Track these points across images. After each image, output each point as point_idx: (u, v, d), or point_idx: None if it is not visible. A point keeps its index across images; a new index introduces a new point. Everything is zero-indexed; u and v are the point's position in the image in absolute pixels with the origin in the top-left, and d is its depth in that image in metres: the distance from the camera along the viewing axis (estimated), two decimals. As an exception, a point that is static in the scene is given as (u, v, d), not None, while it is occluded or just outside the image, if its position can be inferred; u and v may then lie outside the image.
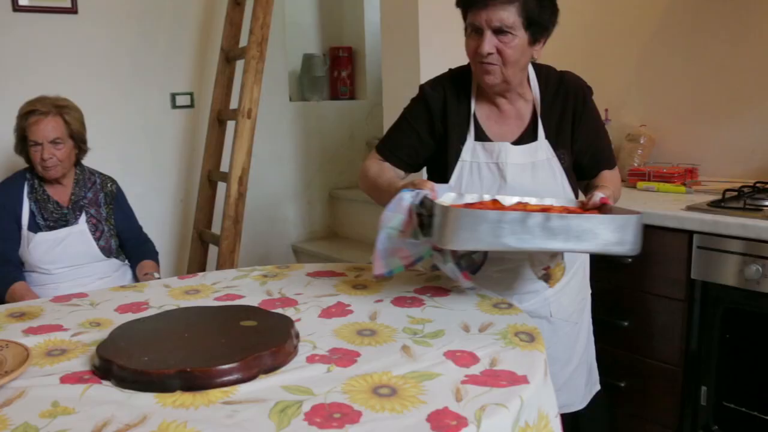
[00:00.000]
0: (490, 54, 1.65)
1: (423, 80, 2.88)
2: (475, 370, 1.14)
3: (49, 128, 2.41)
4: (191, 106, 3.57)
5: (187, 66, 3.54)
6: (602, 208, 1.51)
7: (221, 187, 3.31)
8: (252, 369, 1.10)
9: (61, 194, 2.51)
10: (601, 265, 2.28)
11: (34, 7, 3.07)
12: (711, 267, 2.03)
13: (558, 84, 1.81)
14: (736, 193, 2.17)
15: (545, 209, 1.46)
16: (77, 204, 2.52)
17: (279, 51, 3.73)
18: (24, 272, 2.48)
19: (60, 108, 2.46)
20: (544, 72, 1.84)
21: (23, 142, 2.44)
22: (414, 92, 1.97)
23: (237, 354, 1.11)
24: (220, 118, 3.27)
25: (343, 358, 1.20)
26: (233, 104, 3.28)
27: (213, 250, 3.34)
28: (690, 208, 2.10)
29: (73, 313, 1.54)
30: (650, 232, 2.13)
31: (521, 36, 1.65)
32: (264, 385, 1.08)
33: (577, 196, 1.80)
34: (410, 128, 1.87)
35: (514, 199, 1.60)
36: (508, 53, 1.65)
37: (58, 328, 1.43)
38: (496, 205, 1.54)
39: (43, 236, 2.44)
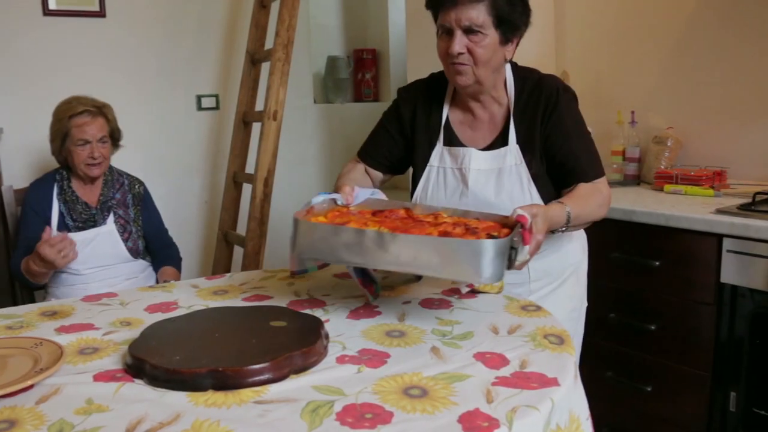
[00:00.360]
0: (460, 54, 1.64)
1: (449, 82, 2.91)
2: (505, 372, 1.14)
3: (97, 127, 2.47)
4: (216, 108, 3.59)
5: (213, 68, 3.56)
6: (515, 227, 1.40)
7: (246, 188, 3.33)
8: (283, 369, 1.10)
9: (90, 195, 2.54)
10: (627, 268, 2.27)
11: (63, 11, 3.12)
12: (741, 271, 2.01)
13: (534, 87, 1.76)
14: (766, 196, 2.15)
15: (456, 223, 1.44)
16: (105, 205, 2.54)
17: (303, 53, 3.74)
18: (53, 273, 2.50)
19: (101, 107, 2.51)
20: (522, 75, 1.80)
21: (64, 143, 2.47)
22: None
23: (268, 354, 1.11)
24: (245, 120, 3.29)
25: (372, 359, 1.20)
26: (258, 106, 3.29)
27: (238, 251, 3.36)
28: (719, 212, 2.08)
29: (104, 313, 1.55)
30: (678, 235, 2.13)
31: (492, 35, 1.64)
32: (295, 385, 1.09)
33: (546, 203, 1.68)
34: (384, 130, 1.92)
35: (437, 208, 1.57)
36: (478, 53, 1.64)
37: (90, 326, 1.44)
38: (408, 213, 1.55)
39: (73, 237, 2.47)
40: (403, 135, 1.88)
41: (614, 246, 2.32)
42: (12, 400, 1.05)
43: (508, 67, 1.79)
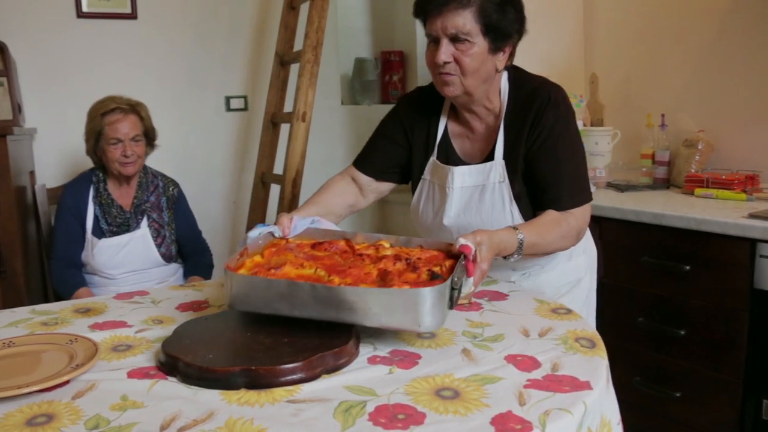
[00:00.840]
0: (446, 63, 1.57)
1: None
2: (537, 374, 1.13)
3: (129, 125, 2.49)
4: (245, 109, 3.62)
5: (241, 69, 3.59)
6: (458, 258, 1.37)
7: (274, 189, 3.34)
8: (315, 369, 1.11)
9: (124, 198, 2.57)
10: (657, 272, 2.25)
11: (96, 14, 3.17)
12: (775, 276, 1.99)
13: (526, 98, 1.66)
14: (800, 201, 2.12)
15: (397, 255, 1.40)
16: (139, 208, 2.56)
17: (331, 55, 3.76)
18: (85, 274, 2.54)
19: (135, 105, 2.54)
20: (518, 86, 1.70)
21: (98, 142, 2.50)
22: None
23: (300, 354, 1.12)
24: (274, 121, 3.31)
25: (404, 360, 1.20)
26: (287, 107, 3.31)
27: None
28: (752, 216, 2.06)
29: (136, 311, 1.57)
30: (710, 240, 2.10)
31: (480, 44, 1.56)
32: (327, 384, 1.09)
33: None
34: (383, 137, 1.86)
35: (378, 237, 1.53)
36: (465, 62, 1.57)
37: (123, 324, 1.46)
38: (349, 244, 1.50)
39: (107, 242, 2.50)
40: (406, 141, 1.82)
41: (644, 250, 2.30)
42: (49, 395, 1.07)
43: (505, 74, 1.71)
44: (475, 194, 1.69)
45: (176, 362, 1.13)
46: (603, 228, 2.44)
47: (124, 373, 1.17)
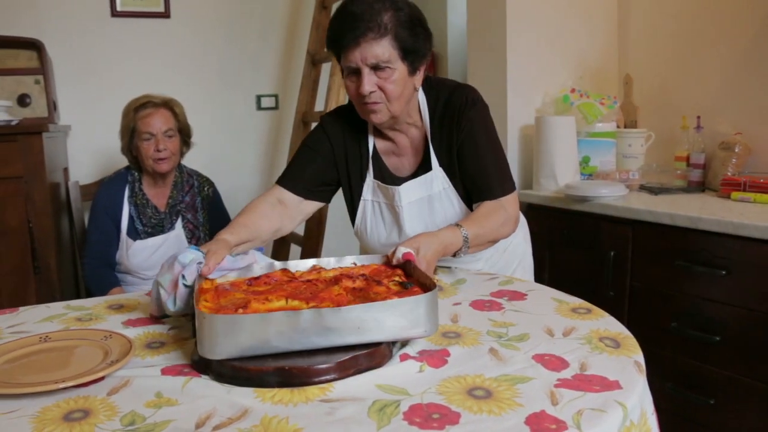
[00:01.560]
0: (372, 92, 1.59)
1: (510, 84, 2.90)
2: (566, 374, 1.12)
3: (161, 120, 2.50)
4: (275, 108, 3.64)
5: (273, 68, 3.61)
6: (406, 266, 1.41)
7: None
8: (348, 369, 1.10)
9: (159, 198, 2.58)
10: (691, 276, 2.22)
11: (130, 12, 3.21)
12: (814, 282, 1.95)
13: (445, 105, 1.73)
14: (841, 206, 2.07)
15: (342, 275, 1.36)
16: (174, 208, 2.57)
17: (362, 54, 3.75)
18: (118, 273, 2.56)
19: (168, 101, 2.55)
20: (434, 95, 1.76)
21: (132, 138, 2.52)
22: (500, 96, 1.96)
23: (334, 354, 1.12)
24: (305, 120, 3.32)
25: (434, 356, 1.19)
26: (318, 107, 3.31)
27: (294, 250, 3.39)
28: (791, 220, 2.02)
29: (169, 308, 1.57)
30: (747, 244, 2.06)
31: (400, 68, 1.60)
32: (359, 383, 1.09)
33: None
34: (309, 153, 1.83)
35: (309, 263, 1.48)
36: (390, 89, 1.60)
37: (156, 321, 1.47)
38: (287, 274, 1.42)
39: (142, 243, 2.51)
40: (332, 158, 1.82)
41: (678, 254, 2.27)
42: (85, 390, 1.08)
43: (420, 92, 1.75)
44: (423, 206, 1.76)
45: (209, 361, 1.13)
46: (636, 231, 2.41)
47: (158, 369, 1.17)
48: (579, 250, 2.64)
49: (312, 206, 1.86)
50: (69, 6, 3.11)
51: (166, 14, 3.29)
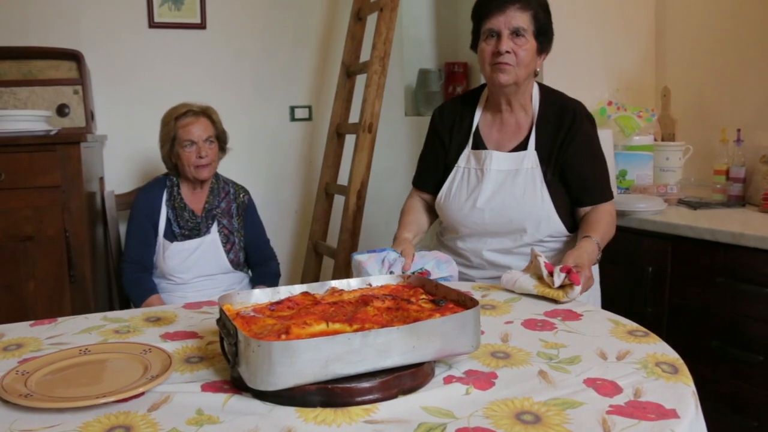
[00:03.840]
0: (507, 53, 1.85)
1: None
2: (619, 400, 1.09)
3: (201, 128, 2.56)
4: (309, 119, 3.64)
5: (306, 80, 3.61)
6: (427, 284, 1.42)
7: (337, 199, 3.35)
8: (392, 389, 1.08)
9: (196, 202, 2.61)
10: (733, 294, 2.17)
11: (167, 24, 3.23)
12: None
13: (560, 106, 1.98)
14: None
15: (367, 295, 1.33)
16: (210, 213, 2.60)
17: (396, 66, 3.75)
18: (154, 278, 2.58)
19: (206, 109, 2.59)
20: (548, 94, 2.02)
21: (172, 146, 2.54)
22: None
23: (377, 373, 1.10)
24: (339, 132, 3.31)
25: (480, 379, 1.17)
26: (352, 118, 3.31)
27: (327, 262, 3.38)
28: (838, 238, 1.96)
29: (206, 321, 1.57)
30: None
31: (532, 42, 1.88)
32: (404, 405, 1.07)
33: (558, 211, 1.93)
34: (430, 154, 2.15)
35: (326, 285, 1.45)
36: (521, 54, 1.87)
37: (194, 335, 1.46)
38: (309, 297, 1.39)
39: (179, 246, 2.53)
40: (442, 147, 2.10)
41: (719, 271, 2.22)
42: (125, 406, 1.07)
43: (535, 86, 2.01)
44: (509, 177, 1.95)
45: (251, 377, 1.12)
46: (675, 246, 2.36)
47: (197, 386, 1.16)
48: (616, 266, 2.59)
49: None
50: (108, 17, 3.14)
51: (202, 25, 3.31)
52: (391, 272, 1.77)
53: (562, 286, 1.66)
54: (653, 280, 2.43)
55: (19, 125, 2.49)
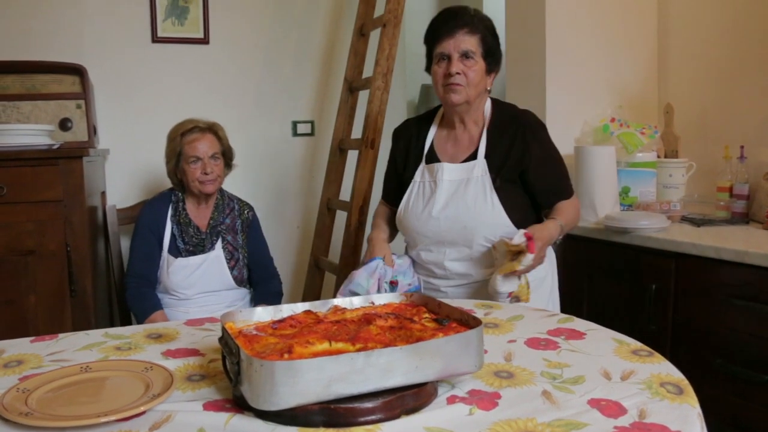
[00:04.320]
0: (458, 74, 2.02)
1: (549, 114, 2.88)
2: (624, 421, 1.08)
3: (207, 144, 2.56)
4: (311, 134, 3.64)
5: (309, 95, 3.62)
6: (430, 303, 1.41)
7: (339, 215, 3.34)
8: (395, 409, 1.07)
9: (201, 218, 2.61)
10: (739, 312, 2.15)
11: (170, 38, 3.24)
12: None
13: (510, 116, 2.14)
14: None
15: (369, 314, 1.33)
16: (215, 229, 2.60)
17: (399, 81, 3.76)
18: (158, 293, 2.57)
19: (212, 125, 2.59)
20: (499, 105, 2.19)
21: (178, 162, 2.54)
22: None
23: (380, 393, 1.09)
24: (341, 147, 3.31)
25: (483, 399, 1.16)
26: (355, 134, 3.31)
27: (328, 278, 3.37)
28: (844, 257, 1.95)
29: (207, 338, 1.56)
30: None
31: (480, 63, 2.05)
32: (407, 425, 1.06)
33: (510, 214, 2.04)
34: (391, 169, 2.35)
35: (328, 303, 1.44)
36: (471, 75, 2.03)
37: (195, 352, 1.45)
38: (311, 315, 1.38)
39: (183, 261, 2.53)
40: (402, 161, 2.27)
41: (724, 289, 2.21)
42: (127, 425, 1.06)
43: (488, 100, 2.17)
44: (460, 186, 2.08)
45: (253, 397, 1.11)
46: (679, 264, 2.35)
47: (199, 404, 1.15)
48: (619, 283, 2.59)
49: None
50: (111, 32, 3.15)
51: (205, 40, 3.32)
52: (379, 279, 2.05)
53: (517, 254, 1.90)
54: (656, 297, 2.42)
55: (21, 139, 2.49)
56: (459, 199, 2.06)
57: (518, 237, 1.89)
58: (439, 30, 2.07)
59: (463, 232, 2.06)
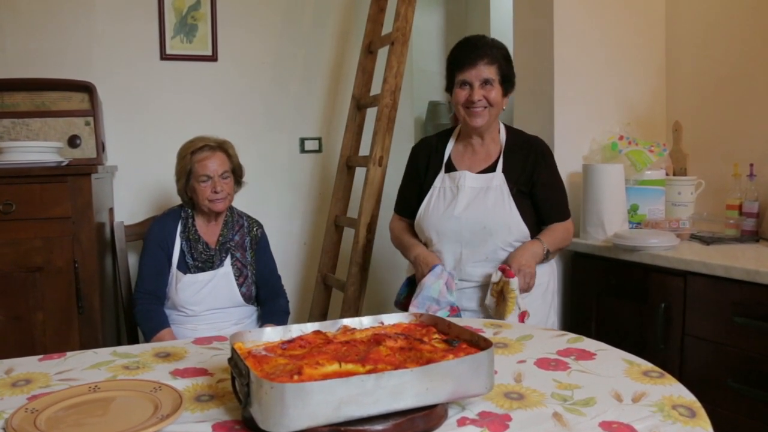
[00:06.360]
0: (479, 100, 2.26)
1: (557, 132, 2.88)
2: (636, 445, 1.07)
3: (218, 162, 2.56)
4: (319, 150, 3.64)
5: (316, 112, 3.62)
6: (440, 324, 1.42)
7: (347, 232, 3.33)
8: (405, 431, 1.07)
9: (210, 235, 2.61)
10: (751, 332, 2.14)
11: (178, 56, 3.26)
12: None
13: (524, 140, 2.41)
14: None
15: (379, 335, 1.32)
16: (224, 246, 2.59)
17: (406, 98, 3.76)
18: (166, 310, 2.56)
19: (222, 143, 2.59)
20: (512, 130, 2.44)
21: (188, 180, 2.55)
22: (547, 143, 2.45)
23: (390, 415, 1.08)
24: (349, 164, 3.31)
25: (494, 422, 1.15)
26: (362, 151, 3.31)
27: (335, 295, 3.36)
28: None
29: (216, 357, 1.56)
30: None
31: (498, 88, 2.29)
32: (418, 449, 1.05)
33: (525, 218, 2.27)
34: (410, 184, 2.52)
35: (337, 324, 1.43)
36: (492, 96, 2.27)
37: (203, 372, 1.45)
38: (320, 335, 1.37)
39: (192, 278, 2.52)
40: (419, 175, 2.46)
41: (734, 308, 2.19)
42: (135, 447, 1.06)
43: (501, 125, 2.42)
44: (480, 192, 2.30)
45: (263, 418, 1.10)
46: (688, 282, 2.34)
47: (208, 426, 1.14)
48: (627, 301, 2.57)
49: None
50: (120, 49, 3.16)
51: (213, 57, 3.34)
52: (447, 280, 2.25)
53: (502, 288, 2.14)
54: (666, 316, 2.41)
55: (31, 156, 2.49)
56: (480, 202, 2.28)
57: (495, 275, 2.18)
58: (462, 59, 2.29)
59: (481, 233, 2.27)
